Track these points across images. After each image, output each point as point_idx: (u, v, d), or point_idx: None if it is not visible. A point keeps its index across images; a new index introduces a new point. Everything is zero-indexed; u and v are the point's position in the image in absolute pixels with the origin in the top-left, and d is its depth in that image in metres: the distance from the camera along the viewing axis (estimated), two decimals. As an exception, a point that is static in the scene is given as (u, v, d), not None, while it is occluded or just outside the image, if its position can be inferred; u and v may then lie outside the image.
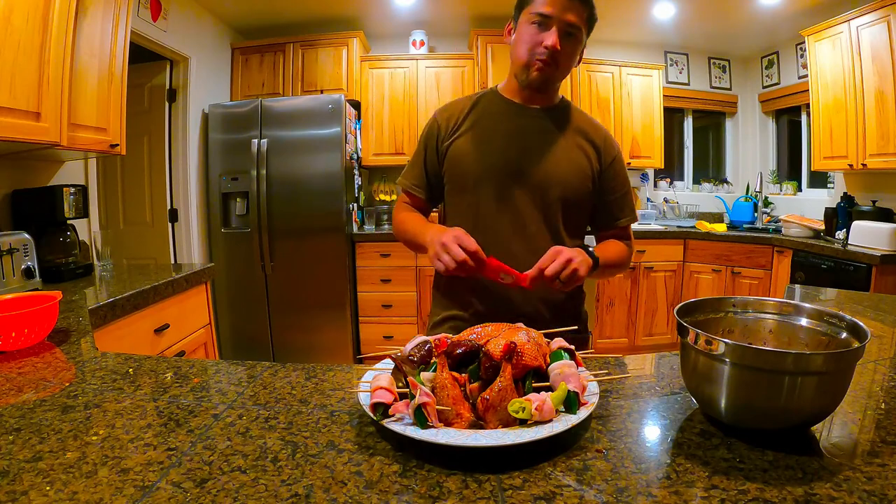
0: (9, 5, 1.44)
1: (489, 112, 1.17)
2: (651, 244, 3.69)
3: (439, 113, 1.21)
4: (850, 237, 2.86)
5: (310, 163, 3.28)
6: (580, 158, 1.15)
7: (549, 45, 1.04)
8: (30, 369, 0.91)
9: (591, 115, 1.25)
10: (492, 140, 1.14)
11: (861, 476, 0.54)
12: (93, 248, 2.10)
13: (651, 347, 3.74)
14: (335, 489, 0.53)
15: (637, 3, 3.60)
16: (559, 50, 1.04)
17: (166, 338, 1.82)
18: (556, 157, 1.13)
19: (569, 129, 1.16)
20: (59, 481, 0.55)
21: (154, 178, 3.28)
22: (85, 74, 1.81)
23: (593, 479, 0.55)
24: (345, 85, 3.69)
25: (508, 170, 1.11)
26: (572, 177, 1.13)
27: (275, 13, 3.69)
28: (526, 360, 0.67)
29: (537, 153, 1.12)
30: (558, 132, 1.15)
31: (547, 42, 1.04)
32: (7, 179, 1.92)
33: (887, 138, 2.74)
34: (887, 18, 2.69)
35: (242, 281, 3.41)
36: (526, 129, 1.14)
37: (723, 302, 0.79)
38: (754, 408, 0.61)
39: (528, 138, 1.13)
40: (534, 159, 1.12)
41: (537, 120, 1.15)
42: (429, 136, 1.20)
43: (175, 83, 3.25)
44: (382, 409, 0.63)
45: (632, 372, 0.90)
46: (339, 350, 3.44)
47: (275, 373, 0.88)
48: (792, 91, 3.95)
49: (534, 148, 1.13)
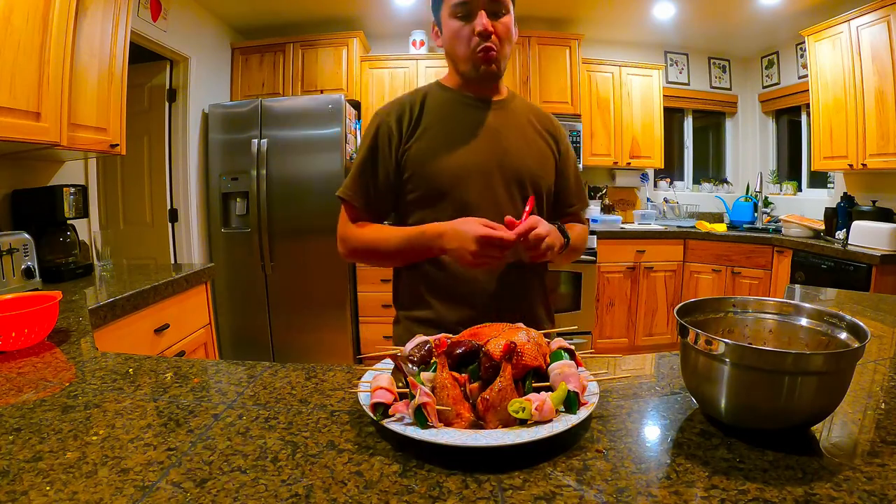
0: (9, 5, 1.44)
1: (445, 108, 1.09)
2: (651, 244, 3.69)
3: (385, 115, 1.09)
4: (850, 237, 2.86)
5: (310, 163, 3.28)
6: (544, 147, 1.14)
7: (482, 30, 0.99)
8: (30, 369, 0.91)
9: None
10: (461, 137, 1.07)
11: (861, 476, 0.54)
12: (93, 248, 2.10)
13: (651, 347, 3.74)
14: (335, 489, 0.53)
15: (637, 3, 3.60)
16: (494, 31, 1.01)
17: (166, 338, 1.82)
18: (527, 147, 1.10)
19: (527, 118, 1.14)
20: (59, 481, 0.55)
21: (154, 178, 3.28)
22: (85, 74, 1.81)
23: (593, 479, 0.55)
24: (345, 85, 3.69)
25: (487, 166, 1.06)
26: (542, 166, 1.12)
27: (275, 13, 3.69)
28: (526, 360, 0.67)
29: (509, 145, 1.08)
30: (521, 122, 1.12)
31: (478, 28, 0.99)
32: (7, 179, 1.92)
33: (887, 138, 2.74)
34: (887, 18, 2.69)
35: (242, 281, 3.41)
36: (491, 122, 1.09)
37: (723, 302, 0.79)
38: (754, 408, 0.61)
39: (498, 131, 1.09)
40: (508, 152, 1.08)
41: (499, 112, 1.11)
42: (379, 142, 1.08)
43: (175, 83, 3.25)
44: (382, 409, 0.63)
45: (632, 372, 0.90)
46: (339, 350, 3.44)
47: (275, 373, 0.88)
48: (792, 91, 3.95)
49: (505, 140, 1.08)
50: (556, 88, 3.78)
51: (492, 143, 1.08)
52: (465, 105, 1.10)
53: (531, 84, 3.77)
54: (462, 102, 1.11)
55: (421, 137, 1.07)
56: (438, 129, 1.08)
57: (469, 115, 1.10)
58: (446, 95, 1.12)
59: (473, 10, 1.00)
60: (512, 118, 1.12)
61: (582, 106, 3.81)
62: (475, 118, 1.09)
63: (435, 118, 1.08)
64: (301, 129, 3.29)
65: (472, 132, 1.08)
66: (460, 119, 1.09)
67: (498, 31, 1.02)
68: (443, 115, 1.09)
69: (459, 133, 1.08)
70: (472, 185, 1.05)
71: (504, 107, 1.12)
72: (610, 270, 3.64)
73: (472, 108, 1.10)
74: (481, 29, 0.99)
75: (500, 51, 1.04)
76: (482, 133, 1.08)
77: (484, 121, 1.09)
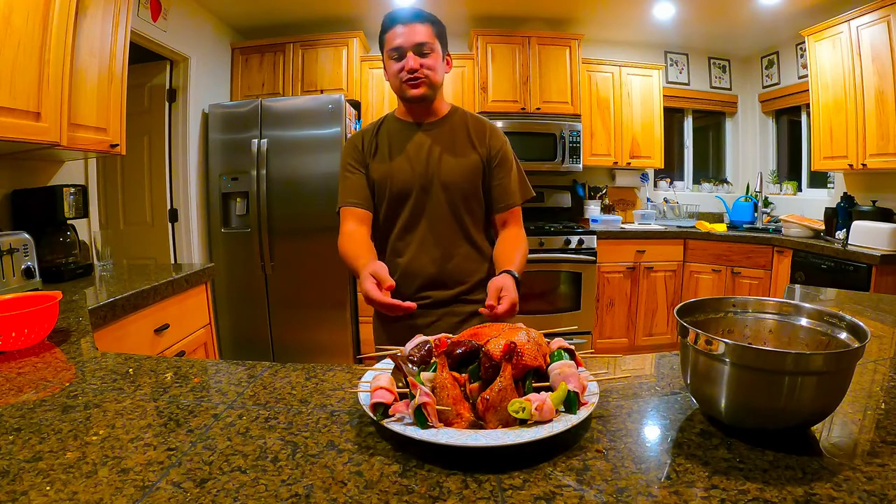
0: (9, 5, 1.44)
1: (391, 134, 1.36)
2: (651, 244, 3.69)
3: (355, 138, 1.39)
4: (850, 237, 2.86)
5: (310, 163, 3.28)
6: (472, 157, 1.33)
7: (409, 68, 1.25)
8: (30, 369, 0.91)
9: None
10: (399, 158, 1.32)
11: (861, 476, 0.54)
12: (93, 248, 2.10)
13: (651, 347, 3.74)
14: (335, 489, 0.53)
15: (637, 3, 3.60)
16: (419, 68, 1.25)
17: (166, 338, 1.82)
18: (454, 161, 1.31)
19: (458, 134, 1.34)
20: (59, 481, 0.55)
21: (154, 178, 3.28)
22: (85, 74, 1.81)
23: (593, 479, 0.55)
24: (345, 85, 3.69)
25: (425, 180, 1.30)
26: (468, 175, 1.32)
27: (275, 13, 3.69)
28: (526, 360, 0.67)
29: (438, 161, 1.31)
30: (451, 139, 1.33)
31: (407, 66, 1.25)
32: (7, 179, 1.91)
33: (887, 138, 2.74)
34: (887, 18, 2.69)
35: (242, 281, 3.41)
36: (424, 143, 1.32)
37: (723, 302, 0.79)
38: (754, 408, 0.61)
39: (428, 150, 1.31)
40: (437, 167, 1.30)
41: (432, 132, 1.34)
42: (354, 156, 1.36)
43: (175, 83, 3.24)
44: (382, 409, 0.63)
45: (632, 372, 0.90)
46: (339, 350, 3.44)
47: (275, 373, 0.88)
48: (792, 91, 3.95)
49: (434, 157, 1.31)
50: (556, 88, 3.78)
51: (427, 160, 1.31)
52: (405, 130, 1.36)
53: (531, 84, 3.76)
54: (404, 127, 1.36)
55: (374, 159, 1.35)
56: (385, 152, 1.34)
57: (409, 139, 1.34)
58: (395, 123, 1.38)
59: (404, 53, 1.26)
60: (446, 135, 1.34)
61: (582, 106, 3.81)
62: (412, 141, 1.34)
63: (383, 142, 1.36)
64: (301, 129, 3.29)
65: (413, 152, 1.32)
66: (400, 142, 1.34)
67: (425, 66, 1.26)
68: (389, 139, 1.35)
69: (403, 154, 1.33)
70: (416, 196, 1.31)
71: (439, 125, 1.35)
72: (610, 270, 3.64)
73: (411, 131, 1.35)
74: (410, 66, 1.25)
75: (427, 83, 1.27)
76: (419, 153, 1.32)
77: (418, 142, 1.33)
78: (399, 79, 1.28)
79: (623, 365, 0.94)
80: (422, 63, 1.26)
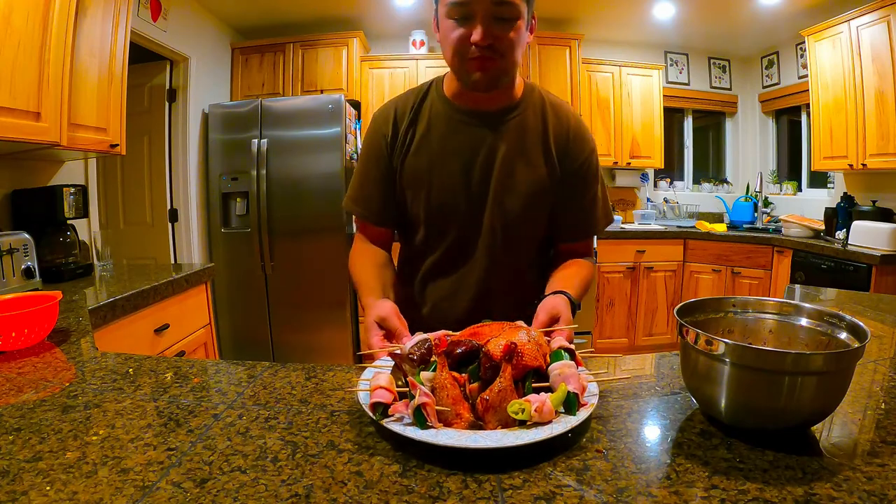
0: (9, 5, 1.44)
1: (437, 121, 1.01)
2: (651, 244, 3.69)
3: (382, 123, 1.03)
4: (850, 237, 2.86)
5: (310, 163, 3.28)
6: (541, 171, 1.00)
7: (478, 42, 0.86)
8: (30, 369, 0.91)
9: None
10: (446, 161, 0.99)
11: (861, 476, 0.54)
12: (93, 248, 2.10)
13: (651, 347, 3.74)
14: (335, 489, 0.53)
15: (637, 3, 3.60)
16: (491, 44, 0.87)
17: (166, 338, 1.82)
18: (517, 173, 0.99)
19: (531, 131, 1.00)
20: (59, 481, 0.55)
21: (154, 178, 3.28)
22: (85, 74, 1.81)
23: (593, 479, 0.55)
24: (345, 85, 3.69)
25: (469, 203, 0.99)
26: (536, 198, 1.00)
27: (275, 13, 3.69)
28: (526, 361, 0.67)
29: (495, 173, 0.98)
30: (520, 138, 0.99)
31: (474, 38, 0.86)
32: (7, 179, 1.92)
33: (887, 138, 2.74)
34: (887, 18, 2.69)
35: (242, 281, 3.41)
36: (484, 141, 0.98)
37: (723, 302, 0.79)
38: (754, 408, 0.61)
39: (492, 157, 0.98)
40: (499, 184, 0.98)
41: (498, 130, 0.99)
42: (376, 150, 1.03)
43: (175, 83, 3.25)
44: (382, 409, 0.63)
45: (632, 372, 0.90)
46: (339, 350, 3.44)
47: (275, 373, 0.88)
48: (792, 91, 3.95)
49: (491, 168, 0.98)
50: (556, 88, 3.77)
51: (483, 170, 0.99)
52: (457, 121, 1.00)
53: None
54: (456, 117, 1.00)
55: (411, 153, 1.01)
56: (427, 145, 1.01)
57: (462, 132, 0.99)
58: (444, 108, 1.02)
59: (474, 16, 0.86)
60: (514, 136, 0.99)
61: (582, 106, 3.81)
62: (465, 139, 0.99)
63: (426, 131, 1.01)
64: (301, 129, 3.29)
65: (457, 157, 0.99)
66: (448, 137, 1.00)
67: (500, 41, 0.87)
68: (434, 128, 1.01)
69: (443, 155, 1.00)
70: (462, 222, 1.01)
71: (508, 118, 1.00)
72: (610, 270, 3.64)
73: (465, 125, 1.00)
74: (477, 39, 0.86)
75: (500, 65, 0.90)
76: (468, 158, 0.99)
77: (481, 140, 0.99)
78: (459, 53, 0.89)
79: (623, 365, 0.94)
80: (498, 35, 0.86)
